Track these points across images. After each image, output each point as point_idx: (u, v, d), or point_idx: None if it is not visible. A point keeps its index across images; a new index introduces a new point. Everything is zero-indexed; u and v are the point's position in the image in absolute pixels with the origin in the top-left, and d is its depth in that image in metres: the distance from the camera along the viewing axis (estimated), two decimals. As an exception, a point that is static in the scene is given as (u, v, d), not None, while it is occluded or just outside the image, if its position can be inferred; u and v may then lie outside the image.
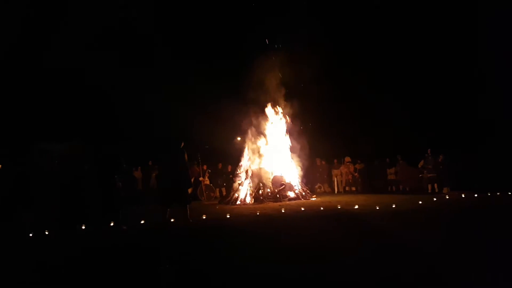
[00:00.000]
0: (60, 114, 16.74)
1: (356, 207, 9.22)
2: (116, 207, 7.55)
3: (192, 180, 15.33)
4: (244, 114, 13.89)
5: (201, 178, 15.12)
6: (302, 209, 9.38)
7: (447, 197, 10.93)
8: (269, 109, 14.25)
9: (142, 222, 7.96)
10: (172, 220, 7.93)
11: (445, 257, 4.24)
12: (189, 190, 8.62)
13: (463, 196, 10.95)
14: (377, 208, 8.93)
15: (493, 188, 11.32)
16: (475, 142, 14.48)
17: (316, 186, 16.44)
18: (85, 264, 4.70)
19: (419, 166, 14.32)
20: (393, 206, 9.05)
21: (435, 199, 10.34)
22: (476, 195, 10.92)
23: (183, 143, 8.18)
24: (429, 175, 13.70)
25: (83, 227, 7.31)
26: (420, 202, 9.62)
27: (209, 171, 15.81)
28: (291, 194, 12.65)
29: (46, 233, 6.84)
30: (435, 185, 13.66)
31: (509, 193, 10.89)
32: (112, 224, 7.47)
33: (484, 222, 6.72)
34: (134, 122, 17.55)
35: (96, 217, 7.46)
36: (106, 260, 4.87)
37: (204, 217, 8.41)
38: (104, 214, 7.50)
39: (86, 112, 17.13)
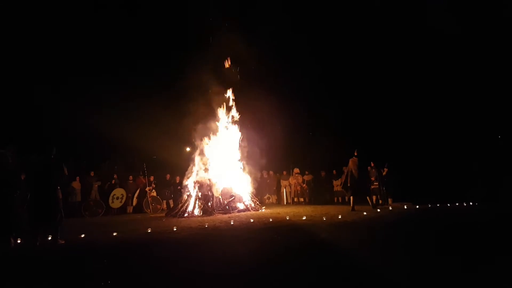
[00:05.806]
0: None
1: (304, 218, 9.32)
2: (55, 219, 6.89)
3: (138, 191, 14.77)
4: (192, 125, 13.67)
5: (147, 189, 14.63)
6: (251, 220, 9.31)
7: (390, 208, 11.38)
8: (219, 120, 14.14)
9: (83, 236, 7.49)
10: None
11: (387, 271, 4.29)
12: None
13: (405, 207, 11.44)
14: (324, 219, 9.07)
15: (434, 200, 11.95)
16: (417, 154, 15.21)
17: (265, 197, 16.50)
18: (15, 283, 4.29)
19: (364, 178, 14.75)
20: (339, 217, 9.24)
21: (378, 210, 10.71)
22: (417, 207, 11.46)
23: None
24: (372, 187, 14.18)
25: (19, 241, 6.72)
26: (365, 213, 9.92)
27: (155, 182, 15.32)
28: (240, 205, 12.54)
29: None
30: (378, 197, 14.14)
31: (448, 205, 11.55)
32: (49, 238, 6.92)
33: (424, 231, 7.02)
34: (72, 133, 16.71)
35: (31, 230, 6.81)
36: (40, 278, 4.45)
37: (149, 231, 8.05)
38: (41, 227, 6.87)
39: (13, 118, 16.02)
